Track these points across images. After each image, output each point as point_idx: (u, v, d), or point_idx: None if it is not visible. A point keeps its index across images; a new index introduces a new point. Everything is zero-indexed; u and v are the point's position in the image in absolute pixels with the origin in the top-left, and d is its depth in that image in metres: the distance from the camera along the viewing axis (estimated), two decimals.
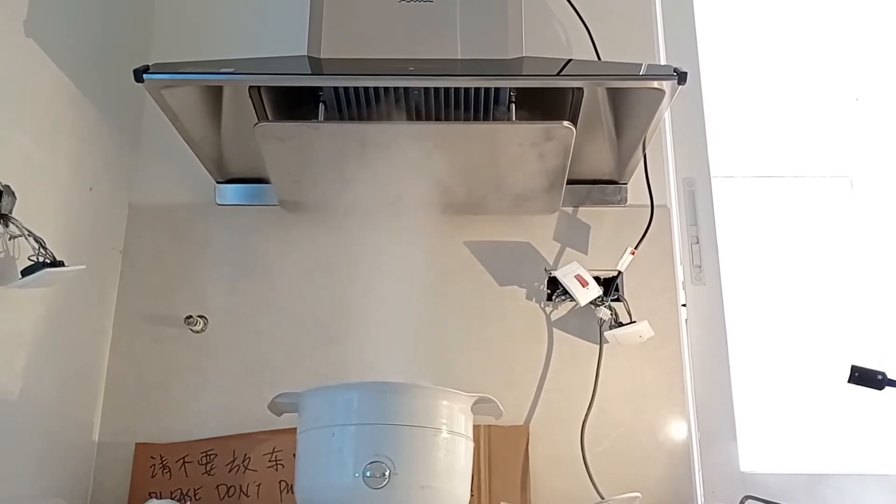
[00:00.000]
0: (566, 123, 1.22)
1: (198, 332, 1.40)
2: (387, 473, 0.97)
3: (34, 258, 1.08)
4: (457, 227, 1.46)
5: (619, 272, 1.37)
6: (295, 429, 1.17)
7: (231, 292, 1.44)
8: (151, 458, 1.33)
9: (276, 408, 1.13)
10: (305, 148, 1.28)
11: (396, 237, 1.36)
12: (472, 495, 1.09)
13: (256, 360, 1.40)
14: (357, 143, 1.27)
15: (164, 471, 1.32)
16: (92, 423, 1.35)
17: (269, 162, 1.32)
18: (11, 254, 1.10)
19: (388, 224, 1.35)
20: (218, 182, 1.48)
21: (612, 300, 1.37)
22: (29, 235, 1.09)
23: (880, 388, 1.10)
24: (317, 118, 1.26)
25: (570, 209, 1.48)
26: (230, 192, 1.48)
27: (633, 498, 1.15)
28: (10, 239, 1.09)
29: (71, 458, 1.29)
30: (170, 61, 1.15)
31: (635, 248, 1.36)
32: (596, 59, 1.46)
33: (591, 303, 1.36)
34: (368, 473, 0.97)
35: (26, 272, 1.07)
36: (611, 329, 1.34)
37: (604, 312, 1.34)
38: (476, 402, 1.10)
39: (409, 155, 1.28)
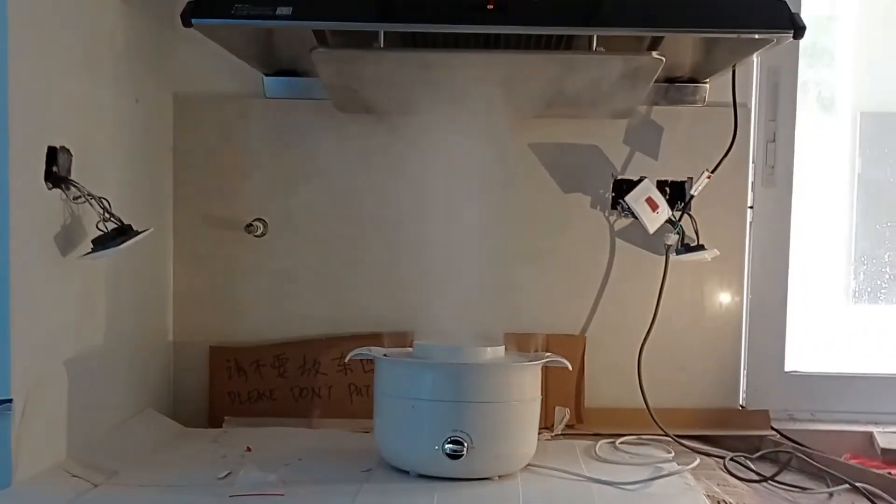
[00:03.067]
0: (655, 55, 1.11)
1: (259, 236, 1.40)
2: (465, 447, 1.03)
3: (102, 226, 1.06)
4: (522, 128, 1.39)
5: (692, 196, 1.32)
6: (362, 336, 1.31)
7: (289, 194, 1.41)
8: (226, 360, 1.40)
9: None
10: (365, 70, 1.18)
11: (458, 138, 1.30)
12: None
13: (320, 264, 1.41)
14: (420, 67, 1.17)
15: (240, 373, 1.40)
16: (166, 328, 1.41)
17: (326, 80, 1.23)
18: (78, 215, 1.07)
19: (450, 125, 1.29)
20: (266, 75, 1.38)
21: (679, 219, 1.33)
22: (91, 198, 1.05)
23: None
24: (378, 42, 1.14)
25: (642, 108, 1.39)
26: (280, 86, 1.39)
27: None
28: (74, 200, 1.05)
29: (152, 363, 1.36)
30: None
31: (712, 172, 1.30)
32: None
33: None
34: (448, 449, 1.03)
35: (97, 243, 1.05)
36: (677, 254, 1.32)
37: (672, 239, 1.31)
38: (546, 363, 1.13)
39: (479, 79, 1.18)
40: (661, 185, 1.38)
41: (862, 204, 1.58)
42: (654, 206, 1.30)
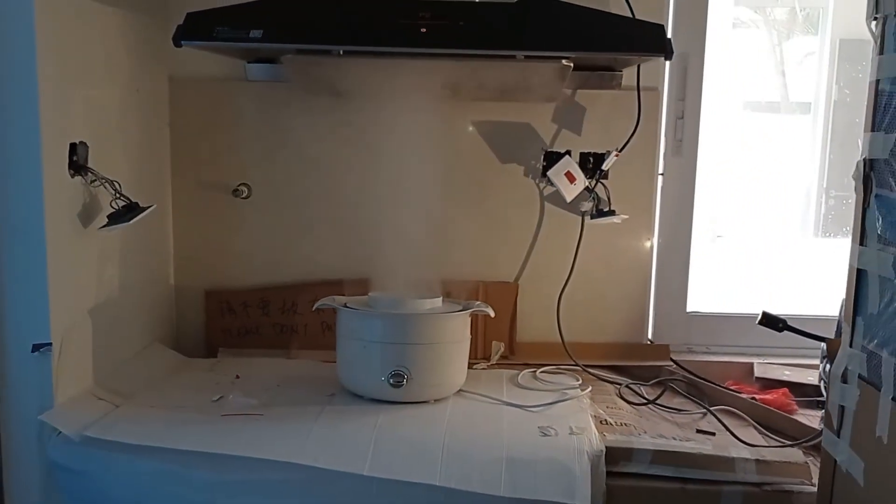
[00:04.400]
0: (564, 62, 1.36)
1: (244, 198, 1.67)
2: (405, 378, 1.32)
3: (114, 204, 1.32)
4: (465, 110, 1.63)
5: (604, 171, 1.58)
6: (330, 282, 1.58)
7: (269, 162, 1.66)
8: (220, 302, 1.69)
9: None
10: (327, 71, 1.43)
11: (411, 118, 1.55)
12: (471, 337, 1.43)
13: (296, 222, 1.68)
14: (372, 68, 1.41)
15: (231, 312, 1.69)
16: (168, 275, 1.69)
17: (293, 76, 1.47)
18: (94, 194, 1.33)
19: (401, 105, 1.53)
20: (248, 62, 1.62)
21: (594, 188, 1.59)
22: (105, 181, 1.31)
23: (780, 331, 1.40)
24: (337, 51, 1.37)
25: (568, 91, 1.63)
26: (259, 71, 1.63)
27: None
28: (91, 184, 1.32)
29: (158, 306, 1.65)
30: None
31: (620, 151, 1.55)
32: None
33: None
34: (392, 380, 1.32)
35: (111, 218, 1.31)
36: (592, 218, 1.59)
37: (586, 206, 1.58)
38: (474, 311, 1.41)
39: (421, 75, 1.43)
40: (585, 157, 1.63)
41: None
42: (571, 178, 1.55)
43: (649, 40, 1.25)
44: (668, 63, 1.65)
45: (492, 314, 1.43)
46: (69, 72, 1.26)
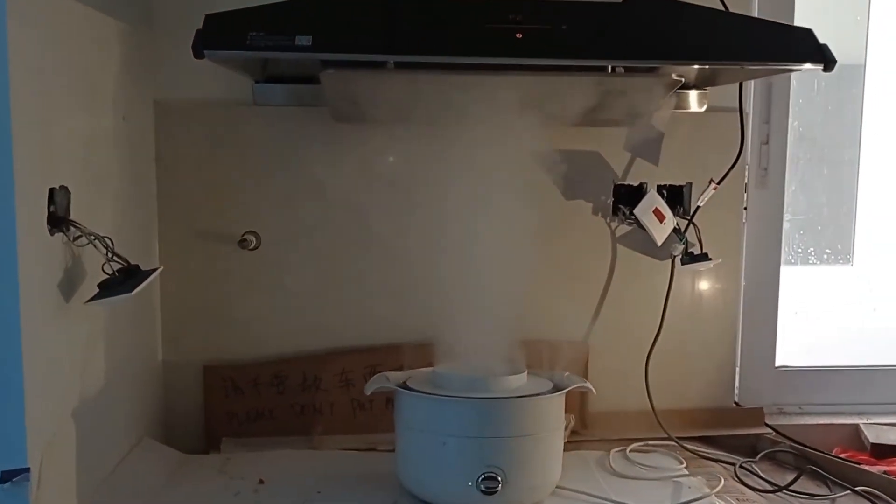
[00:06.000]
0: (675, 76, 1.10)
1: (252, 250, 1.34)
2: (499, 482, 1.03)
3: (107, 268, 0.99)
4: (526, 138, 1.35)
5: (697, 206, 1.32)
6: (361, 349, 1.29)
7: (282, 206, 1.35)
8: (222, 379, 1.35)
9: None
10: (375, 89, 1.13)
11: (461, 149, 1.27)
12: None
13: (317, 278, 1.36)
14: (432, 86, 1.12)
15: (237, 392, 1.35)
16: (155, 347, 1.34)
17: (332, 96, 1.16)
18: (77, 255, 0.99)
19: (458, 136, 1.25)
20: (255, 82, 1.30)
21: (686, 230, 1.33)
22: (94, 238, 0.98)
23: None
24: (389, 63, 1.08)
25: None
26: (271, 92, 1.31)
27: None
28: (74, 241, 0.98)
29: (145, 387, 1.30)
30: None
31: (719, 183, 1.30)
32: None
33: None
34: (483, 486, 1.02)
35: (105, 288, 0.98)
36: (683, 264, 1.33)
37: (678, 249, 1.32)
38: (575, 388, 1.13)
39: (494, 97, 1.14)
40: (659, 190, 1.38)
41: None
42: (661, 217, 1.29)
43: (803, 47, 1.00)
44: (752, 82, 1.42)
45: (593, 391, 1.15)
46: (49, 96, 0.92)
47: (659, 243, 1.31)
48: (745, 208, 1.45)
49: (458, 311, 1.22)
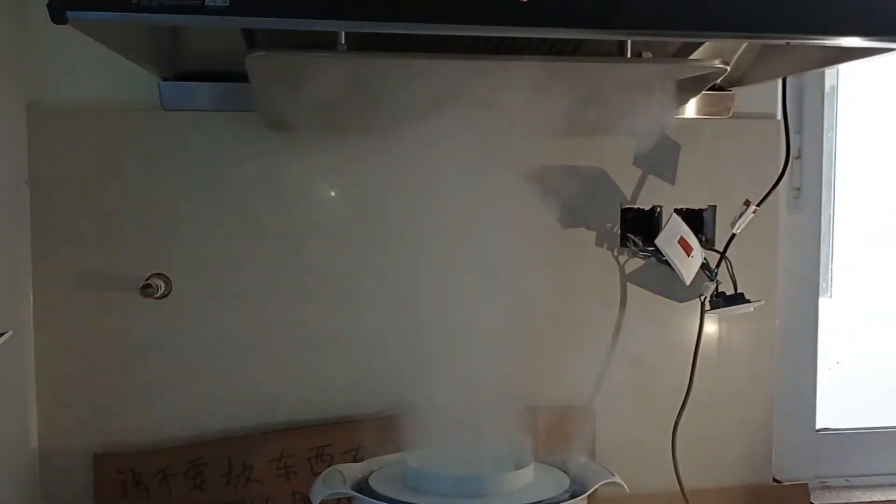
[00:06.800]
0: (718, 63, 0.83)
1: (160, 297, 1.02)
2: None
3: None
4: (514, 149, 1.07)
5: (733, 234, 1.05)
6: (307, 424, 0.99)
7: (199, 240, 1.03)
8: (119, 472, 1.01)
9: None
10: (319, 79, 0.83)
11: (431, 164, 0.99)
12: None
13: (245, 333, 1.05)
14: (400, 78, 0.83)
15: (140, 487, 1.02)
16: (28, 431, 1.01)
17: (261, 91, 0.87)
18: None
19: (419, 145, 0.97)
20: (163, 79, 1.00)
21: (718, 264, 1.06)
22: None
23: None
24: (339, 42, 0.79)
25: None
26: (183, 92, 1.01)
27: None
28: None
29: (9, 477, 0.96)
30: None
31: (759, 204, 1.03)
32: None
33: None
34: None
35: None
36: (713, 308, 1.05)
37: (710, 289, 1.04)
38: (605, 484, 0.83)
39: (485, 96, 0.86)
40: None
41: None
42: (687, 248, 1.02)
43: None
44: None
45: (626, 488, 0.85)
46: None
47: (688, 281, 1.03)
48: None
49: (431, 373, 0.94)
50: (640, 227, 1.11)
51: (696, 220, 1.13)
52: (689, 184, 1.12)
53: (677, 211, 1.10)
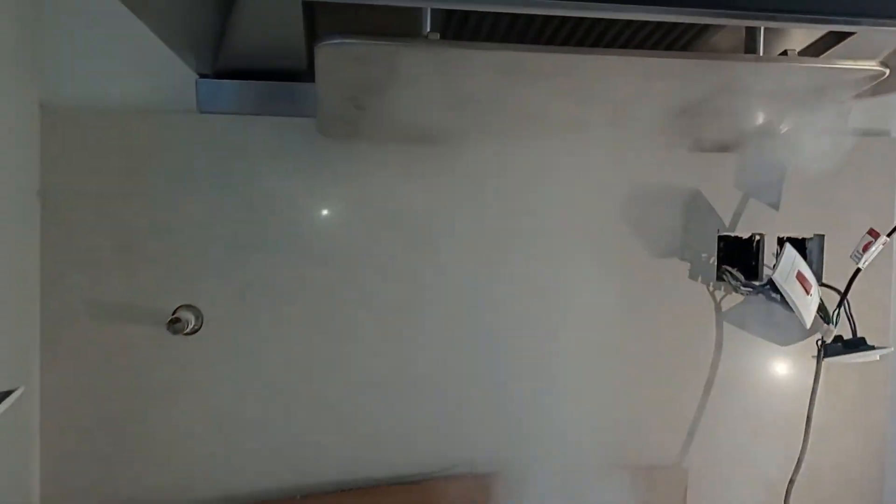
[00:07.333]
0: (876, 64, 0.69)
1: (189, 334, 0.87)
2: None
3: None
4: (593, 163, 0.93)
5: (858, 269, 0.90)
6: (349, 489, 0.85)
7: (237, 264, 0.88)
8: None
9: None
10: (399, 76, 0.69)
11: (505, 183, 0.86)
12: None
13: (291, 371, 0.90)
14: (489, 71, 0.69)
15: None
16: (30, 491, 0.84)
17: (327, 91, 0.72)
18: None
19: (490, 158, 0.84)
20: (201, 76, 0.85)
21: (839, 306, 0.91)
22: None
23: None
24: (425, 30, 0.65)
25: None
26: (223, 93, 0.87)
27: None
28: None
29: None
30: None
31: (889, 235, 0.89)
32: None
33: None
34: None
35: None
36: (828, 355, 0.90)
37: (831, 333, 0.89)
38: None
39: (590, 86, 0.72)
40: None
41: None
42: (806, 285, 0.87)
43: None
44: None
45: None
46: None
47: (808, 324, 0.88)
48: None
49: (506, 428, 0.81)
50: (736, 257, 0.97)
51: (799, 250, 0.98)
52: (790, 209, 0.98)
53: (779, 240, 0.96)
